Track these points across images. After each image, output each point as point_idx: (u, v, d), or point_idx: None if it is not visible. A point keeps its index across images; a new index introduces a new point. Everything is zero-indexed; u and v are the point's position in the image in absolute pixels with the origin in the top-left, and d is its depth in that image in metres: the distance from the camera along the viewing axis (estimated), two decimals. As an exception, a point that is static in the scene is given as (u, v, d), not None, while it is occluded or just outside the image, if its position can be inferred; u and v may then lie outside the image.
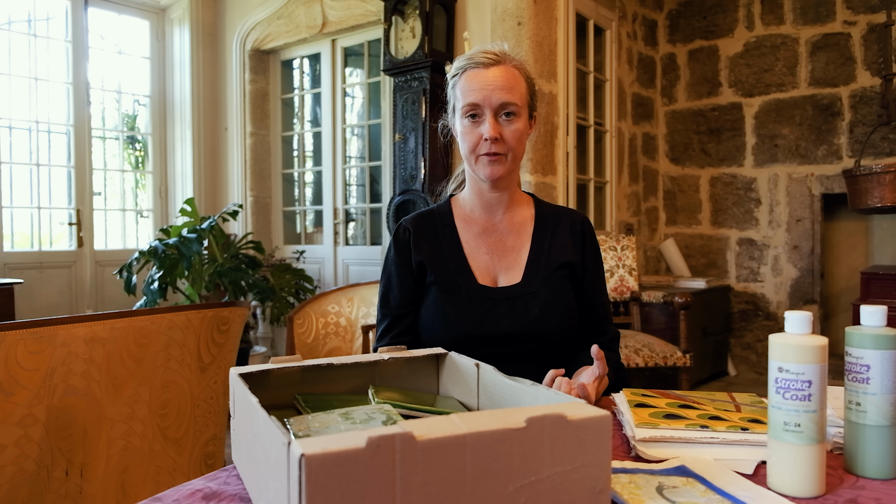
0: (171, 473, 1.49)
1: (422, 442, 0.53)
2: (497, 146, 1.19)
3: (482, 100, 1.19)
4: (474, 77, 1.20)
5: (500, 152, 1.19)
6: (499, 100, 1.18)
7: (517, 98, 1.20)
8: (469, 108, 1.20)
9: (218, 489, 0.75)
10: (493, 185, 1.25)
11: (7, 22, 4.16)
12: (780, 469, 0.74)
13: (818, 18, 4.17)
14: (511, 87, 1.19)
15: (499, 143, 1.19)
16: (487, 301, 1.23)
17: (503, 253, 1.29)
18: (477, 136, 1.20)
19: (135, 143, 5.00)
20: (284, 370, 0.86)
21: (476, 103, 1.19)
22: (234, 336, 1.59)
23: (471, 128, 1.21)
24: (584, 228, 1.32)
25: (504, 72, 1.20)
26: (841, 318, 4.29)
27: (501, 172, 1.21)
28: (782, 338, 0.75)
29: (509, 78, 1.20)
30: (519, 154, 1.23)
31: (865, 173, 3.19)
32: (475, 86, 1.19)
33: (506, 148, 1.20)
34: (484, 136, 1.18)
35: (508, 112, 1.20)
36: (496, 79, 1.19)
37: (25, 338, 1.20)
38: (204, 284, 3.67)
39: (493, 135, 1.18)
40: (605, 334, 1.31)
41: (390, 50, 3.48)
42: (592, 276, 1.31)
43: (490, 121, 1.18)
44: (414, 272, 1.27)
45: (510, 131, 1.20)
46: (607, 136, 4.08)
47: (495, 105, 1.18)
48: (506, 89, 1.19)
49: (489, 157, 1.19)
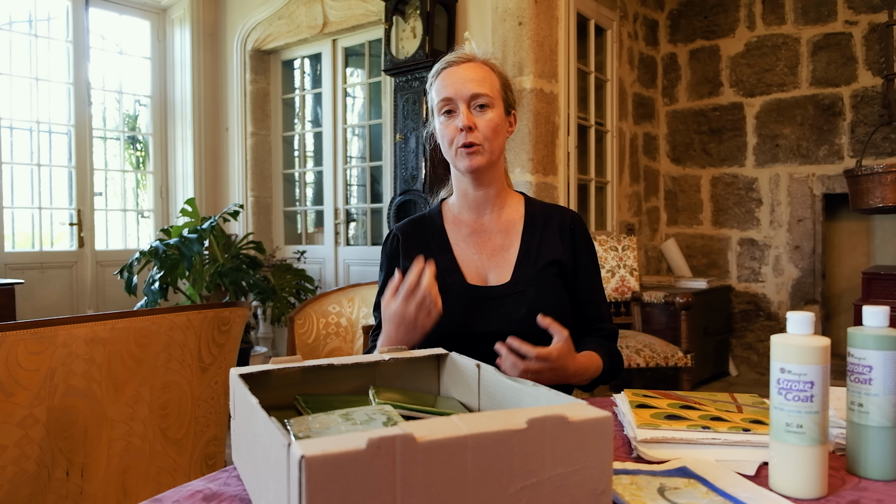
0: (172, 474, 1.49)
1: (422, 443, 0.53)
2: (472, 136, 1.22)
3: (454, 93, 1.22)
4: (447, 75, 1.25)
5: (476, 142, 1.22)
6: (469, 91, 1.22)
7: (488, 89, 1.23)
8: (443, 103, 1.24)
9: (218, 490, 0.75)
10: (475, 179, 1.27)
11: (8, 22, 4.16)
12: (782, 470, 0.74)
13: (819, 18, 4.17)
14: (481, 79, 1.24)
15: (473, 133, 1.22)
16: (476, 300, 1.24)
17: (492, 252, 1.29)
18: (453, 130, 1.23)
19: (136, 144, 5.01)
20: (285, 371, 0.86)
21: (449, 97, 1.23)
22: (234, 336, 1.59)
23: (447, 123, 1.25)
24: (575, 226, 1.32)
25: (474, 67, 1.25)
26: (842, 319, 4.29)
27: (479, 163, 1.23)
28: (784, 338, 0.75)
29: (479, 72, 1.25)
30: (496, 146, 1.25)
31: (867, 173, 3.18)
32: (447, 82, 1.24)
33: (481, 138, 1.22)
34: (458, 127, 1.22)
35: (481, 104, 1.23)
36: (466, 72, 1.24)
37: (26, 338, 1.20)
38: (205, 285, 3.67)
39: (466, 123, 1.21)
40: (601, 331, 1.31)
41: (391, 50, 3.48)
42: (585, 274, 1.31)
43: (464, 111, 1.22)
44: None
45: (484, 121, 1.23)
46: (608, 136, 4.08)
47: (467, 96, 1.22)
48: (476, 81, 1.23)
49: (466, 150, 1.22)
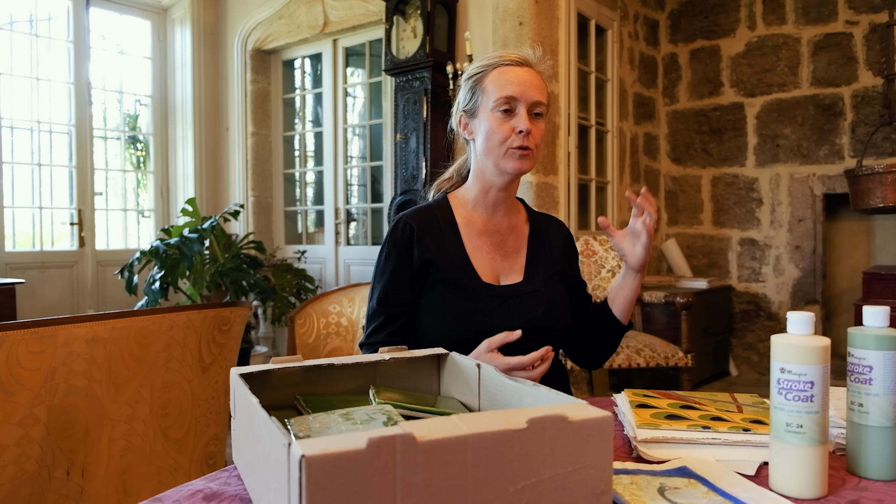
0: (173, 474, 1.49)
1: (423, 443, 0.53)
2: (529, 140, 1.21)
3: (520, 94, 1.21)
4: (508, 72, 1.23)
5: (531, 147, 1.22)
6: (534, 97, 1.22)
7: (546, 99, 1.25)
8: (505, 100, 1.21)
9: (218, 490, 0.75)
10: (511, 181, 1.28)
11: (9, 22, 4.16)
12: (782, 470, 0.74)
13: (820, 18, 4.17)
14: (542, 88, 1.25)
15: (529, 138, 1.22)
16: (495, 298, 1.24)
17: (505, 254, 1.30)
18: (509, 129, 1.21)
19: (136, 143, 5.01)
20: (285, 370, 0.86)
21: (513, 96, 1.21)
22: (235, 336, 1.59)
23: (503, 120, 1.22)
24: (569, 236, 1.42)
25: (536, 74, 1.25)
26: (843, 319, 4.28)
27: (528, 167, 1.24)
28: (784, 338, 0.75)
29: (539, 79, 1.25)
30: (540, 154, 1.28)
31: (867, 173, 3.18)
32: (512, 80, 1.22)
33: (534, 144, 1.23)
34: (518, 129, 1.20)
35: (537, 112, 1.23)
36: (532, 77, 1.23)
37: (27, 338, 1.20)
38: (205, 284, 3.67)
39: (528, 127, 1.20)
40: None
41: (392, 50, 3.48)
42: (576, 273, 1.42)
43: (524, 115, 1.21)
44: (414, 272, 1.25)
45: (539, 130, 1.24)
46: (609, 136, 4.08)
47: (530, 101, 1.22)
48: (539, 88, 1.23)
49: (520, 151, 1.21)
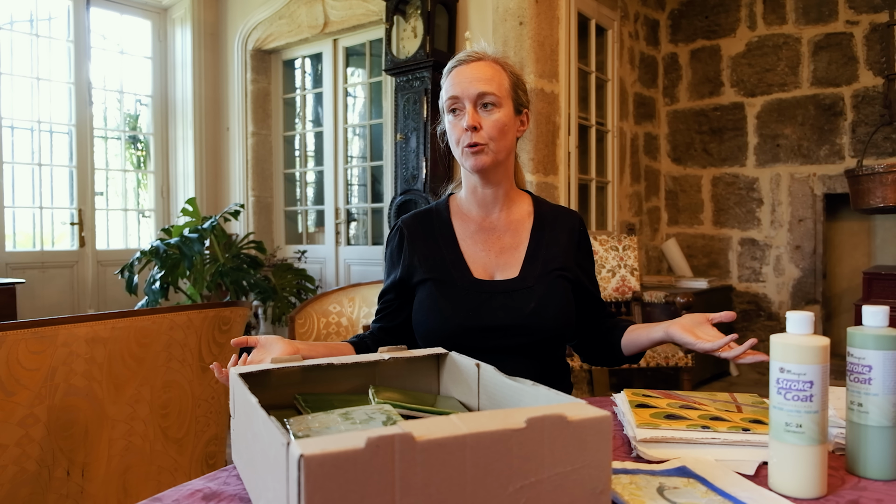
0: (173, 473, 1.49)
1: (421, 442, 0.53)
2: (476, 136, 1.21)
3: (461, 92, 1.21)
4: (456, 74, 1.24)
5: (480, 142, 1.21)
6: (476, 90, 1.21)
7: (495, 89, 1.22)
8: (450, 102, 1.23)
9: (218, 489, 0.75)
10: (482, 178, 1.27)
11: (9, 22, 4.17)
12: (782, 470, 0.74)
13: (820, 18, 4.16)
14: (489, 78, 1.22)
15: (478, 132, 1.21)
16: (483, 293, 1.24)
17: (500, 251, 1.30)
18: (460, 130, 1.23)
19: (136, 143, 5.01)
20: (285, 370, 0.86)
21: (455, 96, 1.22)
22: (235, 336, 1.59)
23: (454, 122, 1.24)
24: (583, 229, 1.37)
25: (483, 65, 1.23)
26: (843, 319, 4.28)
27: (484, 162, 1.22)
28: (784, 338, 0.75)
29: (488, 70, 1.23)
30: (503, 146, 1.24)
31: (868, 173, 3.18)
32: (455, 81, 1.23)
33: (486, 138, 1.21)
34: (463, 126, 1.21)
35: (486, 103, 1.22)
36: (474, 71, 1.22)
37: (27, 337, 1.20)
38: (205, 284, 3.67)
39: (469, 123, 1.20)
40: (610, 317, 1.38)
41: (392, 50, 3.48)
42: (589, 273, 1.36)
43: (469, 111, 1.21)
44: (401, 274, 1.30)
45: (490, 122, 1.21)
46: (609, 135, 4.08)
47: (473, 95, 1.21)
48: (483, 80, 1.21)
49: (470, 149, 1.21)
